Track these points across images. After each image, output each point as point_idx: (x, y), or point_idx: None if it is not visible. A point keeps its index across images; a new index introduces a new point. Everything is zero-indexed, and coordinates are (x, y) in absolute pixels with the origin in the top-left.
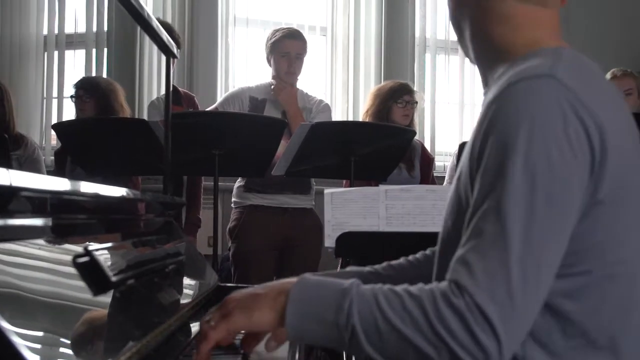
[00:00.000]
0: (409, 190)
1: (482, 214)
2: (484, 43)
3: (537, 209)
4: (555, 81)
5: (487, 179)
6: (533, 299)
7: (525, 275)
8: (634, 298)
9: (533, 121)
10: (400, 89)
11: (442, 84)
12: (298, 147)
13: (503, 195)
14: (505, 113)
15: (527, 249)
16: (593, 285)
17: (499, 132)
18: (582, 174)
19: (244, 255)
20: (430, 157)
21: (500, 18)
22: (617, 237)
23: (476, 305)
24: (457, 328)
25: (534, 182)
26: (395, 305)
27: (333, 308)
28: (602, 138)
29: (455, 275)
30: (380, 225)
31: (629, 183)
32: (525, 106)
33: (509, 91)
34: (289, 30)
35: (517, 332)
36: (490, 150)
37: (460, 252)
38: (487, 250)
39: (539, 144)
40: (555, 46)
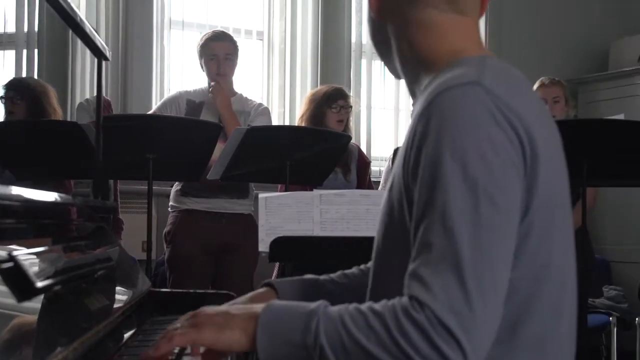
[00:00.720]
0: (343, 195)
1: (428, 226)
2: (409, 54)
3: (482, 214)
4: (482, 88)
5: (426, 191)
6: (492, 304)
7: (481, 282)
8: (561, 301)
9: (465, 129)
10: (334, 94)
11: (377, 89)
12: (233, 151)
13: (446, 206)
14: (436, 124)
15: (478, 255)
16: (523, 290)
17: (432, 143)
18: (518, 177)
19: (179, 260)
20: (367, 161)
21: (422, 28)
22: (548, 241)
23: (437, 318)
24: (420, 342)
25: (475, 188)
26: (359, 322)
27: (301, 329)
28: (531, 143)
29: (412, 291)
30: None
31: (556, 189)
32: (455, 115)
33: (437, 101)
34: (215, 33)
35: (480, 339)
36: (426, 162)
37: (412, 267)
38: (439, 262)
39: (474, 150)
40: (479, 54)
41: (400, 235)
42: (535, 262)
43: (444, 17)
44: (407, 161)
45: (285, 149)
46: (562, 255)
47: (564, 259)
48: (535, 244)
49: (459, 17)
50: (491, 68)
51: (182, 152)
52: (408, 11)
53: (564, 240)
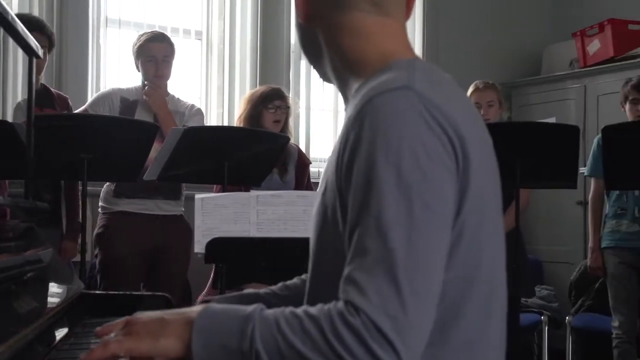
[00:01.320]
0: (280, 196)
1: (362, 231)
2: (338, 58)
3: (416, 218)
4: (413, 92)
5: (361, 196)
6: (425, 306)
7: (415, 285)
8: (491, 302)
9: (397, 133)
10: (271, 94)
11: (317, 91)
12: (171, 151)
13: (380, 210)
14: (369, 129)
15: (412, 259)
16: (454, 292)
17: (365, 148)
18: (451, 180)
19: (111, 262)
20: (306, 162)
21: (350, 32)
22: (478, 244)
23: (372, 322)
24: (354, 346)
25: (409, 192)
26: (295, 327)
27: (237, 334)
28: (463, 146)
29: (347, 295)
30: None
31: (487, 191)
32: (388, 120)
33: (369, 107)
34: (153, 34)
35: (414, 342)
36: (359, 168)
37: (347, 271)
38: (373, 266)
39: (408, 154)
40: (408, 58)
41: (335, 238)
42: (466, 264)
43: (370, 20)
44: (340, 166)
45: (223, 149)
46: (492, 257)
47: (494, 261)
48: (466, 246)
49: (385, 19)
50: (421, 71)
51: (118, 152)
52: (335, 16)
53: (494, 242)
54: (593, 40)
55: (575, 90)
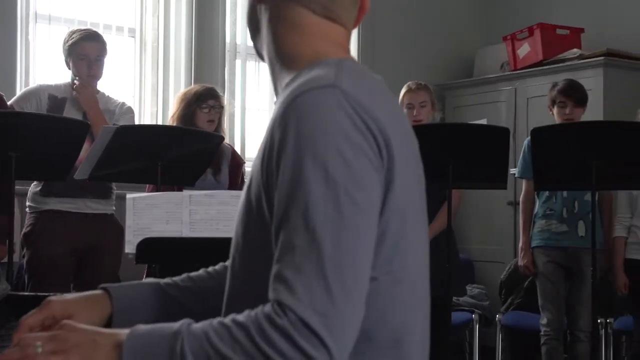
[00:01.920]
0: (213, 196)
1: (290, 228)
2: (275, 47)
3: (344, 215)
4: (340, 91)
5: (288, 194)
6: (355, 303)
7: (343, 281)
8: (415, 301)
9: (324, 132)
10: (205, 94)
11: (252, 90)
12: (102, 150)
13: (308, 207)
14: (295, 127)
15: (341, 255)
16: (380, 291)
17: (292, 146)
18: (377, 178)
19: (41, 262)
20: (240, 162)
21: (291, 25)
22: (403, 243)
23: (300, 320)
24: (285, 347)
25: (336, 190)
26: (224, 337)
27: (167, 352)
28: (387, 146)
29: (276, 294)
30: (183, 230)
31: (411, 191)
32: (314, 118)
33: (295, 104)
34: (85, 32)
35: (345, 337)
36: (286, 165)
37: (275, 269)
38: (302, 263)
39: (335, 152)
40: (338, 57)
41: (258, 234)
42: (389, 263)
43: (315, 20)
44: (266, 162)
45: (156, 148)
46: (415, 257)
47: (417, 260)
48: (389, 245)
49: (330, 23)
50: (349, 71)
51: (48, 151)
52: (282, 5)
53: (418, 242)
54: (523, 44)
55: (506, 93)
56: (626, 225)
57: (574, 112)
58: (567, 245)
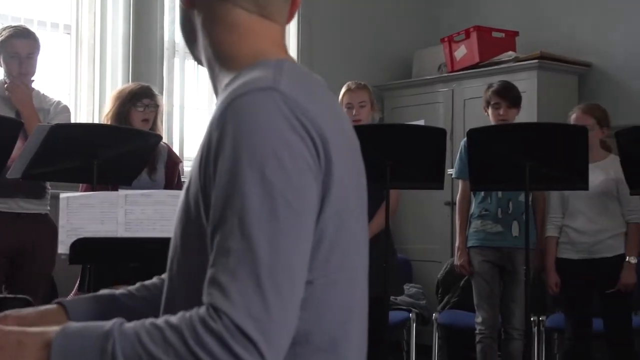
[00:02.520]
0: (150, 195)
1: (226, 232)
2: (212, 50)
3: (280, 219)
4: (278, 93)
5: (224, 197)
6: (289, 307)
7: (278, 286)
8: (352, 302)
9: (262, 135)
10: (139, 92)
11: (191, 89)
12: (36, 149)
13: (243, 211)
14: (233, 129)
15: (276, 260)
16: (316, 294)
17: (229, 149)
18: (314, 181)
19: None
20: (176, 161)
21: (228, 26)
22: (340, 244)
23: (234, 325)
24: (218, 351)
25: (273, 193)
26: (156, 339)
27: (97, 353)
28: (325, 148)
29: (211, 298)
30: (118, 230)
31: (349, 193)
32: (252, 120)
33: (233, 106)
34: (16, 29)
35: (279, 343)
36: (223, 168)
37: (211, 273)
38: (237, 268)
39: (272, 156)
40: (277, 58)
41: (197, 237)
42: (327, 265)
43: (250, 19)
44: (203, 165)
45: (91, 147)
46: (353, 259)
47: (356, 262)
48: (327, 248)
49: (265, 21)
50: (288, 73)
51: None
52: (216, 7)
53: (357, 244)
54: (460, 46)
55: (443, 94)
56: (558, 225)
57: (508, 113)
58: (501, 245)
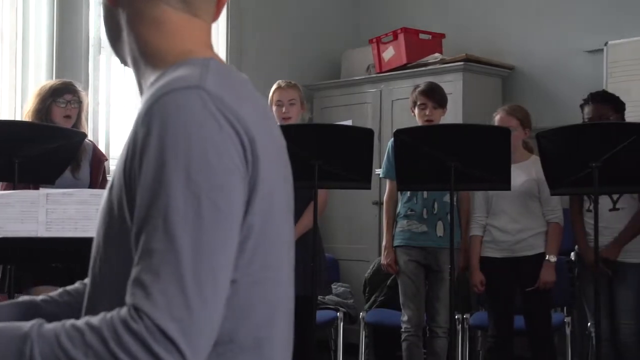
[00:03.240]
0: (72, 195)
1: (150, 232)
2: (137, 48)
3: (204, 219)
4: (204, 92)
5: (149, 196)
6: (212, 308)
7: (201, 286)
8: (277, 301)
9: (187, 133)
10: (61, 88)
11: (117, 86)
12: None
13: (168, 211)
14: (158, 128)
15: (199, 261)
16: (241, 293)
17: (154, 147)
18: (240, 180)
19: None
20: (101, 159)
21: (154, 24)
22: (266, 244)
23: (156, 326)
24: (139, 353)
25: (198, 193)
26: (76, 341)
27: (15, 356)
28: (252, 147)
29: (133, 298)
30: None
31: (276, 192)
32: (177, 119)
33: (159, 104)
34: None
35: (201, 343)
36: (148, 167)
37: (134, 273)
38: (160, 268)
39: (197, 155)
40: (204, 57)
41: (120, 236)
42: (253, 265)
43: (176, 16)
44: (128, 163)
45: (12, 145)
46: (280, 258)
47: (282, 261)
48: (253, 247)
49: (191, 18)
50: (214, 71)
51: None
52: (141, 5)
53: (283, 243)
54: (388, 47)
55: (371, 95)
56: (482, 224)
57: (434, 113)
58: (426, 245)
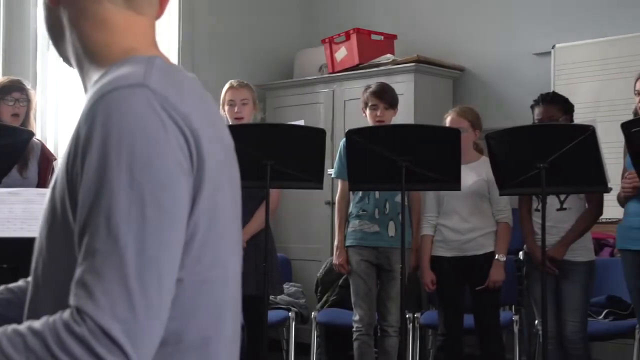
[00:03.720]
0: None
1: (93, 232)
2: (81, 46)
3: (148, 218)
4: (148, 90)
5: (92, 196)
6: (157, 308)
7: (145, 287)
8: (225, 301)
9: (131, 132)
10: (9, 86)
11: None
12: None
13: (111, 211)
14: (101, 126)
15: (143, 260)
16: (187, 292)
17: (97, 146)
18: (185, 179)
19: None
20: (50, 158)
21: (96, 22)
22: (212, 243)
23: (99, 327)
24: (82, 355)
25: (141, 192)
26: (18, 345)
27: None
28: (197, 145)
29: (76, 300)
30: None
31: (223, 191)
32: (120, 117)
33: (102, 103)
34: None
35: (145, 344)
36: (91, 166)
37: (77, 274)
38: (103, 269)
39: (141, 153)
40: (149, 55)
41: (63, 236)
42: (200, 264)
43: (119, 14)
44: (71, 162)
45: None
46: (226, 257)
47: (229, 261)
48: (199, 246)
49: (135, 15)
50: (159, 69)
51: None
52: (84, 3)
53: (230, 242)
54: (340, 48)
55: (324, 95)
56: (433, 224)
57: (385, 114)
58: (378, 245)
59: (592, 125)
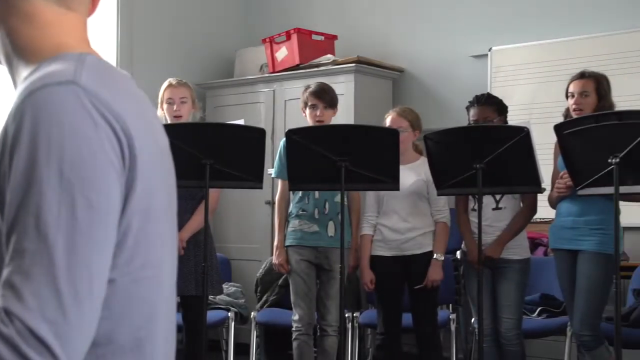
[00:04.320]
0: None
1: (21, 232)
2: (8, 42)
3: (79, 218)
4: (79, 87)
5: (20, 195)
6: (88, 309)
7: (76, 287)
8: (158, 301)
9: (60, 129)
10: None
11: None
12: None
13: (40, 210)
14: (30, 124)
15: (74, 260)
16: (119, 292)
17: (26, 144)
18: (117, 178)
19: None
20: None
21: (24, 16)
22: (145, 243)
23: (27, 328)
24: (9, 357)
25: (71, 191)
26: None
27: None
28: (130, 144)
29: (4, 301)
30: None
31: (156, 191)
32: (49, 115)
33: (30, 100)
34: None
35: (76, 346)
36: (19, 165)
37: (5, 274)
38: (32, 269)
39: (71, 151)
40: (80, 52)
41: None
42: (132, 264)
43: (49, 9)
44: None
45: None
46: (160, 257)
47: (163, 261)
48: (132, 245)
49: (65, 11)
50: (90, 67)
51: None
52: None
53: (163, 241)
54: (281, 48)
55: (264, 94)
56: (372, 223)
57: (325, 114)
58: (317, 244)
59: (527, 127)
